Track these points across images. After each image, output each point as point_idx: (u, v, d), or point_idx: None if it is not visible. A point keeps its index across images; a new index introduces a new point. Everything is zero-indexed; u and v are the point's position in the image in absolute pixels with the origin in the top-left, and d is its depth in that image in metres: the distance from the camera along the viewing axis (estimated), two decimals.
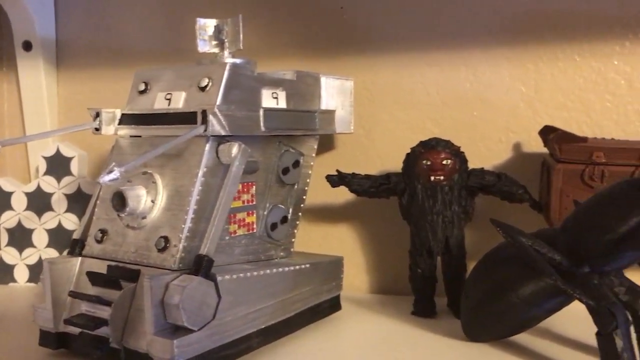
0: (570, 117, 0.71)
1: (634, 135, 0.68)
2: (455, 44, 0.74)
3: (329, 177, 0.68)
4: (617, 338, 0.45)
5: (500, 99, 0.73)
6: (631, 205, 0.45)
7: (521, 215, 0.67)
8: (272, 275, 0.56)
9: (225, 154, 0.53)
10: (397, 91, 0.76)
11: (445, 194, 0.64)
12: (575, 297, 0.46)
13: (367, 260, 0.79)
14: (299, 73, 0.63)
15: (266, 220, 0.60)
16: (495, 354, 0.56)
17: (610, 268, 0.48)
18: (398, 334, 0.62)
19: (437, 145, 0.65)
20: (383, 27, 0.76)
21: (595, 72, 0.70)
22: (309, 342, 0.59)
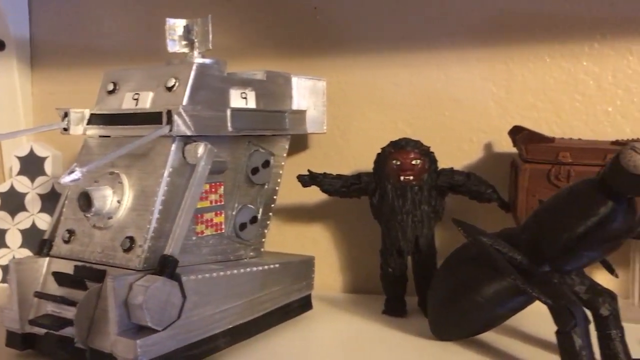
0: (541, 117, 0.72)
1: (602, 135, 0.69)
2: (427, 45, 0.74)
3: (300, 177, 0.68)
4: (576, 337, 0.46)
5: (472, 99, 0.73)
6: (590, 205, 0.46)
7: (492, 214, 0.68)
8: (240, 275, 0.57)
9: (191, 154, 0.53)
10: (370, 91, 0.76)
11: (415, 194, 0.65)
12: (534, 296, 0.46)
13: (340, 259, 0.79)
14: (269, 73, 0.63)
15: (235, 220, 0.60)
16: (462, 353, 0.56)
17: (570, 267, 0.49)
18: (367, 333, 0.62)
19: (407, 145, 0.65)
20: (356, 27, 0.76)
21: (565, 72, 0.71)
22: (278, 342, 0.60)
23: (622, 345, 0.49)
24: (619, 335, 0.49)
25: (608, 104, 0.70)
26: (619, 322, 0.50)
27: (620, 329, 0.50)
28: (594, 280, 0.51)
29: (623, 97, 0.70)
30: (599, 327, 0.50)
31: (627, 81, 0.70)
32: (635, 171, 0.43)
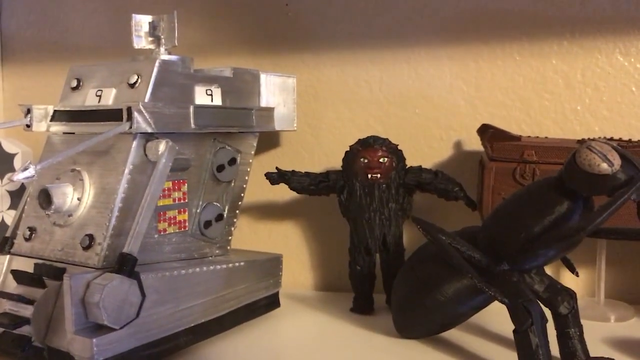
0: (510, 116, 0.72)
1: (571, 133, 0.69)
2: (398, 42, 0.74)
3: (268, 174, 0.68)
4: (533, 335, 0.46)
5: (442, 97, 0.73)
6: (546, 204, 0.46)
7: (461, 213, 0.68)
8: (203, 273, 0.56)
9: (152, 151, 0.53)
10: (341, 89, 0.76)
11: (383, 192, 0.65)
12: (490, 294, 0.46)
13: (311, 257, 0.79)
14: (236, 70, 0.63)
15: (199, 218, 0.59)
16: (425, 351, 0.56)
17: (528, 266, 0.49)
18: (333, 331, 0.62)
19: (375, 143, 0.65)
20: (328, 24, 0.76)
21: (535, 71, 0.71)
22: (243, 340, 0.59)
23: (580, 344, 0.50)
24: (577, 334, 0.50)
25: (577, 102, 0.70)
26: (577, 321, 0.50)
27: (579, 327, 0.50)
28: (553, 279, 0.51)
29: (592, 95, 0.70)
30: (558, 326, 0.50)
31: (596, 80, 0.70)
32: (590, 170, 0.43)
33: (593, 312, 0.64)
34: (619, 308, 0.65)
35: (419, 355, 0.55)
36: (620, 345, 0.56)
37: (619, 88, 0.69)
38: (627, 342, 0.57)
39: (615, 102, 0.69)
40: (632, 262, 0.69)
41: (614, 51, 0.69)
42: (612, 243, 0.65)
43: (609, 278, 0.68)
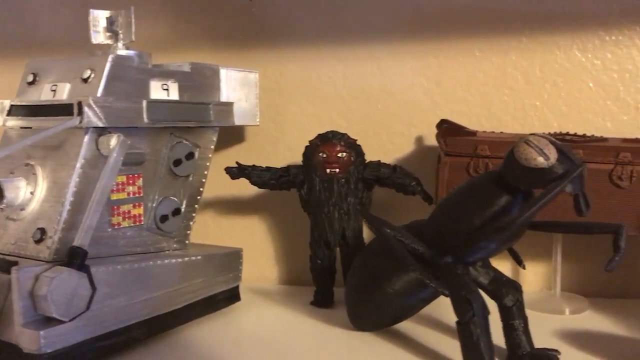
0: (470, 111, 0.72)
1: (530, 129, 0.70)
2: (361, 38, 0.75)
3: (228, 169, 0.69)
4: (474, 327, 0.46)
5: (404, 92, 0.74)
6: (487, 198, 0.46)
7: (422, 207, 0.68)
8: (157, 266, 0.57)
9: (104, 145, 0.53)
10: (305, 84, 0.77)
11: (342, 186, 0.65)
12: (431, 286, 0.47)
13: (276, 251, 0.79)
14: (194, 65, 0.63)
15: (155, 212, 0.60)
16: (378, 342, 0.56)
17: (472, 258, 0.49)
18: (291, 324, 0.62)
19: (333, 138, 0.66)
20: (292, 20, 0.76)
21: (494, 67, 0.72)
22: (201, 333, 0.60)
23: (525, 335, 0.50)
24: (522, 325, 0.50)
25: (536, 98, 0.71)
26: (522, 313, 0.51)
27: (523, 319, 0.51)
28: (499, 271, 0.52)
29: (550, 91, 0.71)
30: (503, 317, 0.51)
31: (555, 75, 0.71)
32: (527, 164, 0.43)
33: (549, 304, 0.65)
34: (574, 301, 0.66)
35: (371, 347, 0.56)
36: (571, 337, 0.57)
37: (577, 84, 0.70)
38: (579, 334, 0.58)
39: (573, 97, 0.70)
40: (587, 256, 0.70)
41: (571, 47, 0.70)
42: (568, 237, 0.66)
43: (566, 271, 0.69)
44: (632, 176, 0.59)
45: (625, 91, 0.69)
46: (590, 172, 0.59)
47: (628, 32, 0.69)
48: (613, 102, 0.70)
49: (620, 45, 0.69)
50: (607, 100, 0.70)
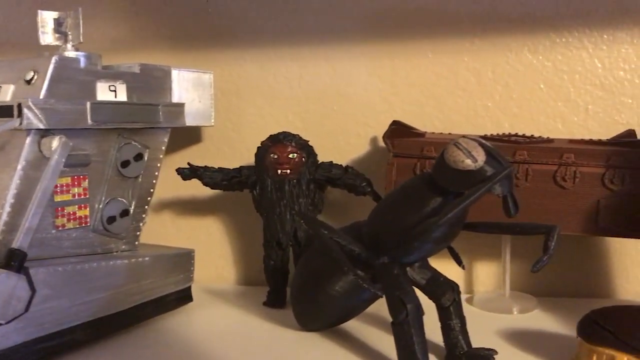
0: (424, 113, 0.73)
1: (482, 130, 0.70)
2: (316, 39, 0.75)
3: (179, 170, 0.69)
4: (408, 327, 0.47)
5: (359, 93, 0.74)
6: (420, 200, 0.47)
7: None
8: (102, 267, 0.57)
9: (46, 147, 0.53)
10: (262, 85, 0.77)
11: (293, 187, 0.66)
12: (365, 286, 0.47)
13: (234, 252, 0.79)
14: (144, 66, 0.63)
15: (102, 213, 0.60)
16: (322, 342, 0.57)
17: (407, 259, 0.50)
18: (242, 325, 0.63)
19: (284, 139, 0.66)
20: (248, 20, 0.76)
21: (447, 68, 0.72)
22: (151, 334, 0.60)
23: (462, 335, 0.51)
24: (459, 325, 0.51)
25: (488, 99, 0.72)
26: (459, 312, 0.52)
27: (460, 319, 0.51)
28: (436, 271, 0.52)
29: (502, 92, 0.71)
30: (441, 317, 0.51)
31: (507, 77, 0.71)
32: (455, 166, 0.44)
33: (498, 304, 0.66)
34: (523, 300, 0.67)
35: (316, 347, 0.56)
36: (514, 337, 0.58)
37: (528, 85, 0.71)
38: (523, 333, 0.59)
39: (524, 99, 0.71)
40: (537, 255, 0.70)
41: (523, 49, 0.71)
42: (517, 238, 0.66)
43: (516, 271, 0.70)
44: (575, 177, 0.59)
45: (576, 92, 0.70)
46: (535, 173, 0.60)
47: (578, 34, 0.69)
48: (564, 103, 0.70)
49: (570, 47, 0.70)
50: (558, 102, 0.70)
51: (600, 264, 0.71)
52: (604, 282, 0.71)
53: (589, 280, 0.71)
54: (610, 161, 0.59)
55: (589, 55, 0.70)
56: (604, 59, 0.69)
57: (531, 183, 0.60)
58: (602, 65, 0.69)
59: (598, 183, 0.59)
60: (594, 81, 0.70)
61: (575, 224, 0.60)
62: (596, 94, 0.70)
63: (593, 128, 0.70)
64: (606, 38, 0.69)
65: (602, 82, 0.69)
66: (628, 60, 0.69)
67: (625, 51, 0.69)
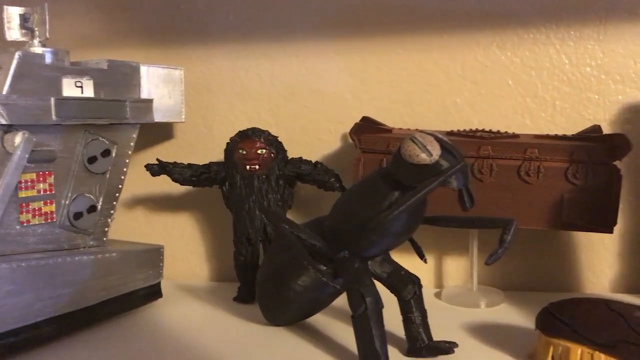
0: (394, 108, 0.73)
1: (451, 125, 0.71)
2: (287, 36, 0.75)
3: (148, 166, 0.69)
4: (367, 320, 0.47)
5: (330, 90, 0.75)
6: (377, 195, 0.47)
7: None
8: (67, 263, 0.57)
9: (9, 143, 0.53)
10: (234, 81, 0.77)
11: (262, 183, 0.66)
12: (323, 280, 0.48)
13: (207, 248, 0.80)
14: (112, 62, 0.63)
15: (69, 209, 0.60)
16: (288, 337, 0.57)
17: (368, 253, 0.50)
18: (210, 320, 0.63)
19: (253, 135, 0.66)
20: (219, 17, 0.76)
21: (416, 64, 0.73)
22: (117, 330, 0.60)
23: (422, 327, 0.51)
24: (419, 318, 0.51)
25: (457, 95, 0.72)
26: (420, 306, 0.52)
27: (421, 312, 0.52)
28: (398, 265, 0.53)
29: (471, 88, 0.72)
30: (402, 310, 0.52)
31: (475, 73, 0.72)
32: (410, 160, 0.44)
33: (465, 298, 0.67)
34: (490, 294, 0.67)
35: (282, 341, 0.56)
36: (480, 330, 0.58)
37: (496, 81, 0.71)
38: (489, 326, 0.59)
39: (493, 95, 0.71)
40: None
41: (491, 45, 0.71)
42: (484, 232, 0.67)
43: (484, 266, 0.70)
44: (539, 172, 0.60)
45: (543, 88, 0.71)
46: (499, 168, 0.61)
47: (545, 31, 0.70)
48: (531, 99, 0.71)
49: (538, 44, 0.70)
50: (526, 98, 0.71)
51: (567, 258, 0.72)
52: (572, 276, 0.72)
53: (556, 274, 0.72)
54: (573, 156, 0.60)
55: (557, 51, 0.70)
56: (571, 55, 0.70)
57: (496, 178, 0.61)
58: (569, 61, 0.70)
59: (561, 178, 0.60)
60: (561, 77, 0.70)
61: (539, 218, 0.61)
62: (563, 90, 0.70)
63: (560, 123, 0.70)
64: (573, 34, 0.70)
65: (569, 78, 0.70)
66: (594, 56, 0.70)
67: (592, 47, 0.69)
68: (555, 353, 0.47)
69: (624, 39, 0.69)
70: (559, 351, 0.47)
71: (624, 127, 0.69)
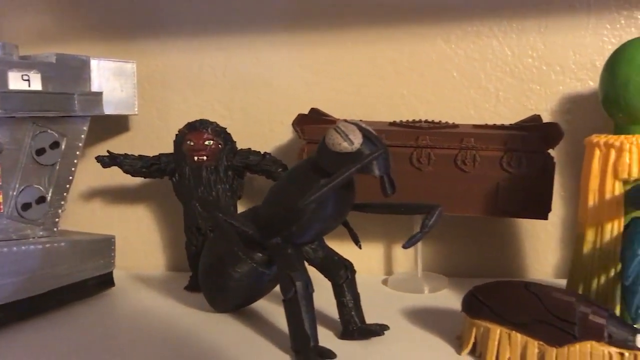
0: (344, 100, 0.75)
1: (398, 116, 0.72)
2: (240, 28, 0.76)
3: (99, 157, 0.70)
4: (297, 304, 0.49)
5: (282, 82, 0.76)
6: (305, 183, 0.48)
7: None
8: (12, 253, 0.58)
9: None
10: (187, 74, 0.78)
11: (210, 174, 0.67)
12: (253, 265, 0.49)
13: (162, 238, 0.81)
14: (60, 56, 0.64)
15: (16, 200, 0.61)
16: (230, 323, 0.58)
17: (302, 240, 0.52)
18: (160, 309, 0.64)
19: (200, 126, 0.67)
20: (172, 10, 0.77)
21: (366, 57, 0.74)
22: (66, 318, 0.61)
23: (355, 311, 0.53)
24: (352, 302, 0.53)
25: (404, 87, 0.74)
26: (353, 290, 0.54)
27: (353, 296, 0.53)
28: (332, 251, 0.54)
29: (418, 80, 0.74)
30: (335, 295, 0.54)
31: (422, 65, 0.73)
32: (333, 149, 0.46)
33: (410, 284, 0.68)
34: (434, 280, 0.69)
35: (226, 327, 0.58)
36: (419, 314, 0.60)
37: (442, 73, 0.73)
38: (428, 311, 0.61)
39: (438, 86, 0.73)
40: (448, 237, 0.74)
41: (436, 38, 0.73)
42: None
43: (431, 253, 0.73)
44: (475, 160, 0.62)
45: (487, 80, 0.72)
46: (437, 157, 0.63)
47: (488, 23, 0.72)
48: (475, 90, 0.73)
49: (482, 36, 0.72)
50: (470, 89, 0.73)
51: (512, 245, 0.74)
52: (516, 262, 0.74)
53: (501, 261, 0.74)
54: (508, 145, 0.61)
55: (499, 43, 0.72)
56: (513, 47, 0.72)
57: (434, 167, 0.63)
58: (512, 53, 0.72)
59: (497, 166, 0.62)
60: (504, 69, 0.72)
61: (476, 205, 0.63)
62: (506, 81, 0.72)
63: (504, 114, 0.72)
64: (515, 27, 0.71)
65: (511, 69, 0.72)
66: (536, 48, 0.71)
67: (533, 39, 0.71)
68: (478, 333, 0.49)
69: (564, 30, 0.71)
70: (481, 331, 0.49)
71: (565, 117, 0.71)
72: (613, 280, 0.50)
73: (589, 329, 0.44)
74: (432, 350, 0.51)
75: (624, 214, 0.49)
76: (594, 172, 0.50)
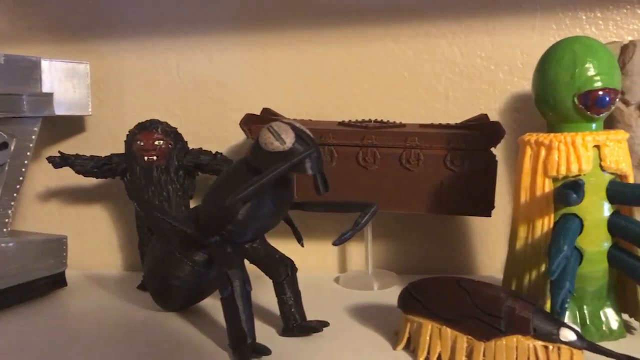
0: (297, 100, 0.76)
1: (349, 116, 0.73)
2: (191, 29, 0.77)
3: (50, 158, 0.70)
4: (233, 302, 0.49)
5: (235, 82, 0.77)
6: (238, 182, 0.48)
7: None
8: None
9: None
10: (142, 75, 0.79)
11: (161, 174, 0.68)
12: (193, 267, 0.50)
13: (119, 239, 0.81)
14: (9, 57, 0.65)
15: None
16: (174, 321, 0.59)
17: (238, 238, 0.52)
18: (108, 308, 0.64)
19: (150, 126, 0.68)
20: (126, 12, 0.78)
21: (318, 57, 0.75)
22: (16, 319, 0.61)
23: (295, 308, 0.54)
24: (292, 299, 0.54)
25: (355, 87, 0.75)
26: (293, 287, 0.54)
27: (294, 293, 0.54)
28: (273, 249, 0.55)
29: (368, 80, 0.75)
30: (276, 292, 0.54)
31: (372, 66, 0.74)
32: (265, 148, 0.47)
33: (360, 282, 0.69)
34: (384, 277, 0.70)
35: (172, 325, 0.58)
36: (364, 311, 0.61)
37: (392, 73, 0.74)
38: (375, 307, 0.62)
39: (389, 86, 0.74)
40: (398, 233, 0.75)
41: (386, 39, 0.74)
42: (379, 218, 0.70)
43: (382, 251, 0.74)
44: (419, 159, 0.63)
45: (437, 80, 0.74)
46: (383, 156, 0.63)
47: (437, 24, 0.73)
48: (425, 90, 0.74)
49: (431, 37, 0.73)
50: (420, 89, 0.74)
51: (463, 242, 0.75)
52: (468, 259, 0.75)
53: (453, 258, 0.75)
54: (451, 144, 0.63)
55: (448, 44, 0.73)
56: (462, 47, 0.73)
57: (379, 165, 0.64)
58: (461, 53, 0.73)
59: (441, 165, 0.63)
60: (453, 69, 0.73)
61: (421, 203, 0.64)
62: (456, 81, 0.73)
63: (453, 113, 0.73)
64: (464, 27, 0.73)
65: (461, 69, 0.73)
66: (484, 48, 0.73)
67: (481, 39, 0.72)
68: (411, 329, 0.50)
69: (511, 31, 0.72)
70: (414, 327, 0.50)
71: (513, 116, 0.72)
72: (543, 276, 0.51)
73: (515, 323, 0.45)
74: (369, 346, 0.52)
75: (554, 210, 0.50)
76: (525, 170, 0.51)
